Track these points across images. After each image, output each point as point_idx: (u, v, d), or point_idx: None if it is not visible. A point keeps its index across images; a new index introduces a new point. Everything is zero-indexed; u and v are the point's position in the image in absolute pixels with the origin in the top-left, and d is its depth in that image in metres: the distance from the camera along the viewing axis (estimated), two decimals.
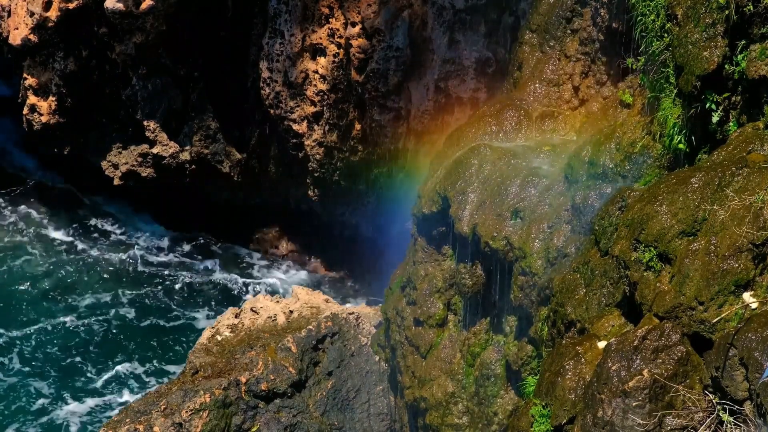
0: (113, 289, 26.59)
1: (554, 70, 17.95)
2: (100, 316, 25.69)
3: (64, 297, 26.13)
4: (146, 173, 26.60)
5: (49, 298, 26.01)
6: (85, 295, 26.36)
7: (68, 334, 24.88)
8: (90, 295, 26.37)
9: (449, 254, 17.72)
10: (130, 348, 24.64)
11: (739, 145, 12.07)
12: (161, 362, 24.21)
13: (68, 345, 24.55)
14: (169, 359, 24.32)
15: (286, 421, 18.50)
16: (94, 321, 25.47)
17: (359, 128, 24.13)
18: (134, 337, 24.99)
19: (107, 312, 25.84)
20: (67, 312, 25.65)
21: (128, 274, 27.28)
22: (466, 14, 22.21)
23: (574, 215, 15.27)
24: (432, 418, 17.69)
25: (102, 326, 25.31)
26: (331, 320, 19.66)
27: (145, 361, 24.18)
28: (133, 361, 24.16)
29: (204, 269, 27.61)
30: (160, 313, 25.99)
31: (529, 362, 15.75)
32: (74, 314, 25.61)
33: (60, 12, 24.72)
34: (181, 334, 25.22)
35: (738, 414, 10.25)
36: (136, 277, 27.20)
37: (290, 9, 23.90)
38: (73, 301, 26.10)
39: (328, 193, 25.95)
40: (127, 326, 25.39)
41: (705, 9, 12.85)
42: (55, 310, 25.66)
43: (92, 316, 25.63)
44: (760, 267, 10.83)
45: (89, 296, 26.35)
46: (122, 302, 26.24)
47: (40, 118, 25.99)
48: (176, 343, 24.84)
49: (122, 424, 17.62)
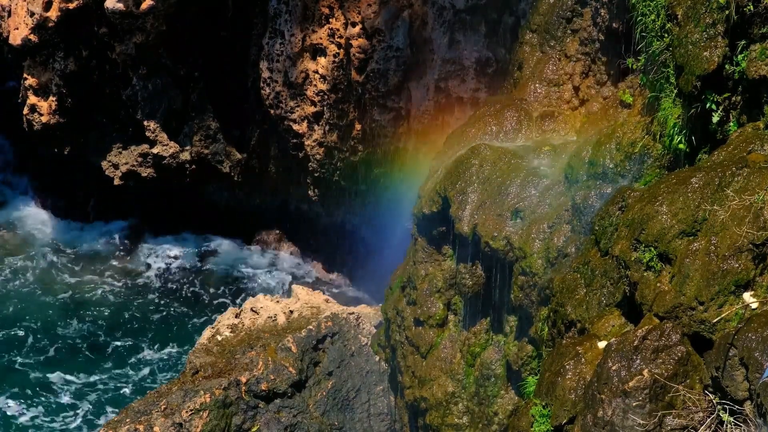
0: (113, 289, 26.59)
1: (554, 70, 17.94)
2: (100, 315, 25.70)
3: (65, 295, 26.14)
4: (146, 173, 26.59)
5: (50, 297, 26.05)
6: (85, 295, 26.38)
7: (69, 334, 24.88)
8: (90, 295, 26.38)
9: (449, 254, 17.72)
10: (130, 348, 24.64)
11: (740, 145, 12.07)
12: (161, 362, 24.21)
13: (68, 344, 24.55)
14: (169, 359, 24.32)
15: (286, 421, 18.50)
16: (95, 321, 25.49)
17: (359, 128, 24.13)
18: (134, 338, 24.99)
19: (107, 312, 25.86)
20: (68, 311, 25.66)
21: (128, 274, 27.30)
22: (466, 14, 22.21)
23: (574, 215, 15.27)
24: (432, 418, 17.69)
25: (102, 326, 25.32)
26: (331, 320, 19.66)
27: (145, 361, 24.17)
28: (133, 360, 24.16)
29: (204, 269, 27.62)
30: (160, 313, 25.99)
31: (530, 362, 15.75)
32: (75, 313, 25.64)
33: (60, 12, 24.71)
34: (181, 334, 25.22)
35: (738, 414, 10.25)
36: (136, 277, 27.21)
37: (290, 9, 23.90)
38: (74, 299, 26.11)
39: (329, 193, 25.96)
40: (127, 326, 25.40)
41: (705, 9, 12.85)
42: (55, 309, 25.68)
43: (92, 316, 25.64)
44: (760, 267, 10.83)
45: (89, 296, 26.37)
46: (122, 302, 26.25)
47: (41, 118, 25.98)
48: (176, 343, 24.84)
49: (122, 424, 17.61)
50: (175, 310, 26.12)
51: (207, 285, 27.14)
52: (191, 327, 25.57)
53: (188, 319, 25.88)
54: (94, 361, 24.08)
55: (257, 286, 27.16)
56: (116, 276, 27.16)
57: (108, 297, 26.32)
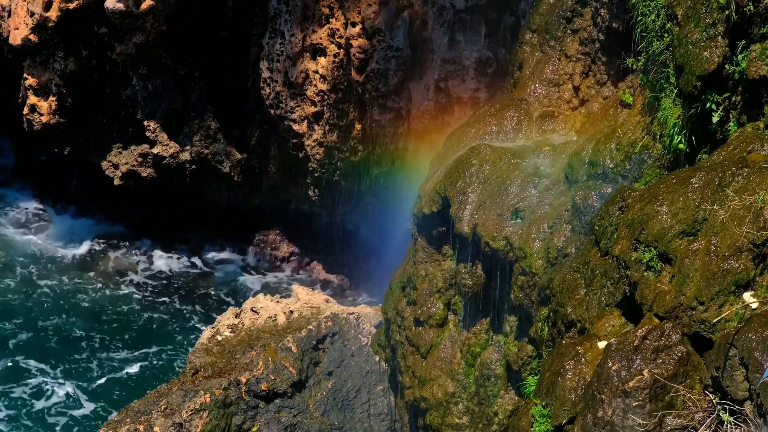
0: (113, 289, 26.59)
1: (554, 70, 17.94)
2: (100, 314, 25.70)
3: (65, 294, 26.13)
4: (146, 173, 26.59)
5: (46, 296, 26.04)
6: (84, 294, 26.38)
7: (69, 333, 24.89)
8: (90, 295, 26.38)
9: (449, 254, 17.71)
10: (130, 348, 24.64)
11: (740, 145, 12.06)
12: (161, 362, 24.21)
13: (69, 344, 24.55)
14: (169, 359, 24.32)
15: (286, 421, 18.50)
16: (94, 320, 25.49)
17: (359, 128, 24.13)
18: (134, 337, 25.00)
19: (106, 311, 25.85)
20: (66, 311, 25.67)
21: (128, 273, 27.30)
22: (466, 14, 22.22)
23: (574, 215, 15.27)
24: (432, 418, 17.69)
25: (101, 326, 25.32)
26: (331, 320, 19.66)
27: (145, 361, 24.18)
28: (133, 361, 24.15)
29: (204, 269, 27.62)
30: (160, 312, 26.00)
31: (530, 362, 15.74)
32: (75, 313, 25.64)
33: (60, 12, 24.71)
34: (181, 334, 25.22)
35: (738, 414, 10.24)
36: (136, 278, 27.20)
37: (290, 9, 23.90)
38: (73, 299, 26.11)
39: (329, 193, 25.96)
40: (126, 326, 25.40)
41: (705, 9, 12.84)
42: (55, 307, 25.69)
43: (92, 316, 25.64)
44: (761, 267, 10.82)
45: (89, 295, 26.36)
46: (121, 302, 26.25)
47: (41, 118, 25.98)
48: (176, 343, 24.84)
49: (122, 424, 17.61)
50: (174, 310, 26.12)
51: (207, 285, 27.15)
52: (191, 327, 25.57)
53: (188, 318, 25.88)
54: (92, 361, 24.06)
55: (257, 286, 27.17)
56: (116, 275, 27.15)
57: (107, 296, 26.32)
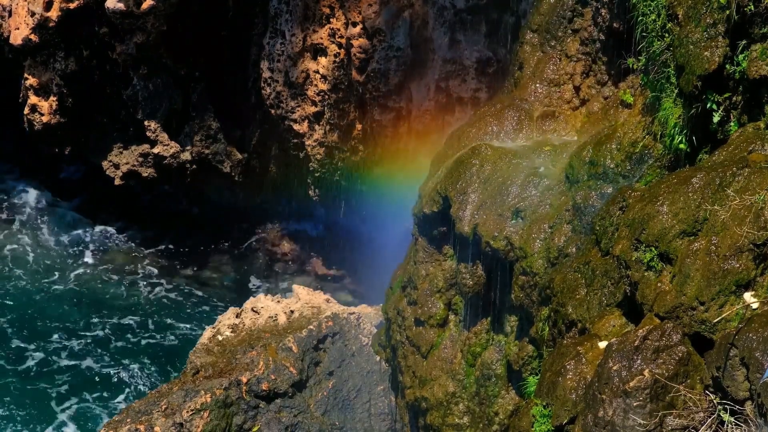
0: (113, 288, 26.61)
1: (555, 70, 17.93)
2: (98, 314, 25.71)
3: (65, 292, 26.14)
4: (147, 173, 26.60)
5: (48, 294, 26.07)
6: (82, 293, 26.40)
7: (69, 332, 24.89)
8: (90, 292, 26.40)
9: (450, 254, 17.71)
10: (130, 348, 24.64)
11: (740, 145, 12.06)
12: (161, 362, 24.21)
13: (69, 343, 24.55)
14: (169, 359, 24.32)
15: (287, 421, 18.50)
16: (94, 320, 25.49)
17: (360, 128, 24.13)
18: (134, 337, 25.00)
19: (106, 309, 25.86)
20: (64, 310, 25.67)
21: (128, 273, 27.30)
22: (466, 14, 22.22)
23: (575, 215, 15.26)
24: (433, 418, 17.68)
25: (101, 325, 25.32)
26: (331, 320, 19.66)
27: (145, 361, 24.18)
28: (133, 360, 24.16)
29: (204, 269, 27.61)
30: (159, 312, 26.00)
31: (530, 362, 15.73)
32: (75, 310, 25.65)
33: (61, 12, 24.71)
34: (181, 334, 25.22)
35: (739, 414, 10.24)
36: (136, 278, 27.21)
37: (291, 9, 23.90)
38: (74, 298, 26.13)
39: (329, 193, 25.96)
40: (126, 326, 25.40)
41: (706, 9, 12.84)
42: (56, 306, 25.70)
43: (92, 316, 25.65)
44: (761, 267, 10.82)
45: (89, 292, 26.39)
46: (121, 302, 26.26)
47: (41, 118, 25.99)
48: (177, 343, 24.84)
49: (123, 424, 17.61)
50: (174, 310, 26.12)
51: (207, 285, 27.14)
52: (191, 326, 25.57)
53: (188, 318, 25.88)
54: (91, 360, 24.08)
55: (258, 285, 27.17)
56: (116, 275, 27.15)
57: (107, 295, 26.33)
